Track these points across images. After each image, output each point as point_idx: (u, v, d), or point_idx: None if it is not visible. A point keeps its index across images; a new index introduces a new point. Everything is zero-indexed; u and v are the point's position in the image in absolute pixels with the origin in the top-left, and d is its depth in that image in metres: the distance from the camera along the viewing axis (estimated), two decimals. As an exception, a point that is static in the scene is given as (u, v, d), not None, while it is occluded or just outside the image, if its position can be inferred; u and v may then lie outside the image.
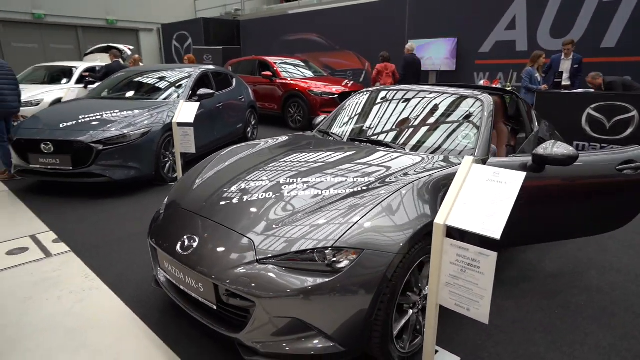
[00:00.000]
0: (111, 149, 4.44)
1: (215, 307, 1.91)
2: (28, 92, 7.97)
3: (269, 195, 2.13)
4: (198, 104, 4.86)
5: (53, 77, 9.03)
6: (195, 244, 1.97)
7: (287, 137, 3.23)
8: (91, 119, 4.65)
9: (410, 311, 1.99)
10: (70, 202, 4.40)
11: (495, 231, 1.61)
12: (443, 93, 3.10)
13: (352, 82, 9.47)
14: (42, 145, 4.38)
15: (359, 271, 1.73)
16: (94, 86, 6.86)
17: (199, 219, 2.12)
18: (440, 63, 9.56)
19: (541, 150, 2.40)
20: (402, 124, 3.01)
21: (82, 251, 3.24)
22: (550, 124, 4.13)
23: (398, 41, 10.09)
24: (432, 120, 2.93)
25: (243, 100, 7.26)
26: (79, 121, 4.59)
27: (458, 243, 1.69)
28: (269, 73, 9.41)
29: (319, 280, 1.71)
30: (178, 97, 5.53)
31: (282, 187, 2.18)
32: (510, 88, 7.89)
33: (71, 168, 4.40)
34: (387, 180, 2.16)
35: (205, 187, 2.42)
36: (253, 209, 2.05)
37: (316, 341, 1.75)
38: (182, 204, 2.31)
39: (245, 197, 2.15)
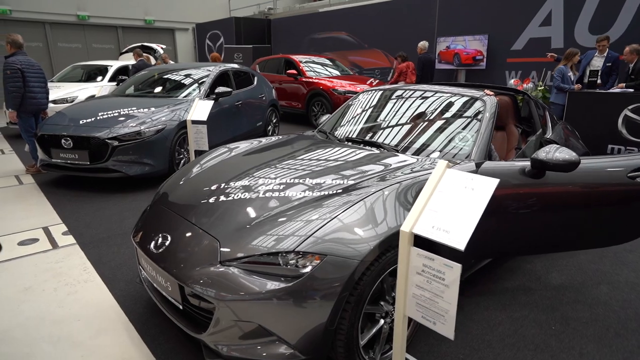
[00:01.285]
0: (126, 145, 4.58)
1: (180, 307, 1.91)
2: (64, 90, 8.41)
3: (245, 195, 2.10)
4: (212, 102, 4.92)
5: (89, 75, 9.46)
6: (167, 243, 1.98)
7: (281, 137, 3.20)
8: (109, 115, 4.81)
9: (382, 321, 1.91)
10: (88, 195, 4.58)
11: (460, 242, 1.50)
12: (445, 93, 2.96)
13: (377, 81, 9.32)
14: (63, 141, 4.58)
15: (321, 277, 1.67)
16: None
17: (175, 217, 2.13)
18: (469, 60, 9.23)
19: (542, 154, 2.24)
20: (399, 125, 2.90)
21: (86, 244, 3.36)
22: (572, 129, 3.87)
23: (427, 39, 9.83)
24: (429, 121, 2.81)
25: (264, 98, 7.30)
26: (98, 118, 4.76)
27: (424, 252, 1.60)
28: (293, 71, 9.42)
29: (280, 285, 1.67)
30: (195, 95, 5.63)
31: (259, 188, 2.15)
32: (542, 87, 7.53)
33: (88, 163, 4.57)
34: (366, 183, 2.08)
35: (188, 186, 2.43)
36: (227, 210, 2.03)
37: (276, 348, 1.71)
38: (164, 202, 2.33)
39: (222, 197, 2.13)
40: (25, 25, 13.83)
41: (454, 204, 1.60)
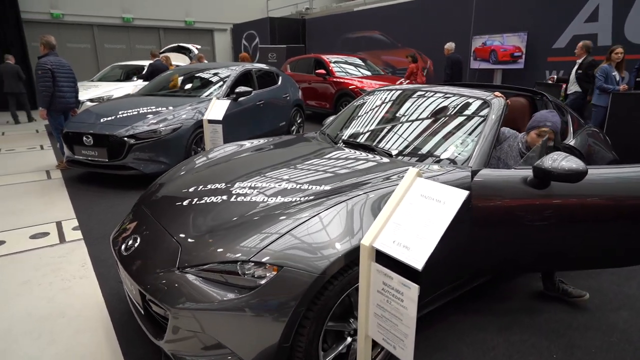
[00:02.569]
0: (143, 143, 4.67)
1: (142, 311, 1.87)
2: (102, 89, 8.78)
3: (218, 199, 2.03)
4: (229, 101, 4.93)
5: (127, 74, 9.83)
6: (135, 245, 1.95)
7: (277, 138, 3.12)
8: (129, 114, 4.93)
9: (349, 339, 1.77)
10: (105, 192, 4.70)
11: (418, 260, 1.34)
12: (450, 95, 2.76)
13: (407, 81, 9.05)
14: (84, 138, 4.74)
15: (276, 290, 1.57)
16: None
17: (149, 219, 2.09)
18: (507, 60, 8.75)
19: (549, 162, 2.01)
20: (397, 128, 2.73)
21: (91, 240, 3.43)
22: (603, 134, 3.51)
23: (462, 38, 9.44)
24: (429, 124, 2.62)
25: (288, 98, 7.26)
26: (118, 116, 4.89)
27: (383, 269, 1.45)
28: (322, 71, 9.34)
29: (234, 296, 1.58)
30: (215, 94, 5.66)
31: (234, 191, 2.07)
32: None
33: (107, 160, 4.70)
34: (342, 189, 1.95)
35: (171, 187, 2.40)
36: (196, 213, 1.97)
37: (229, 362, 1.63)
38: (144, 203, 2.31)
39: (195, 200, 2.08)
40: (75, 28, 14.64)
41: (420, 217, 1.44)
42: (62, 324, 2.33)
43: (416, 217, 1.44)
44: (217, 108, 4.90)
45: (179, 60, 10.25)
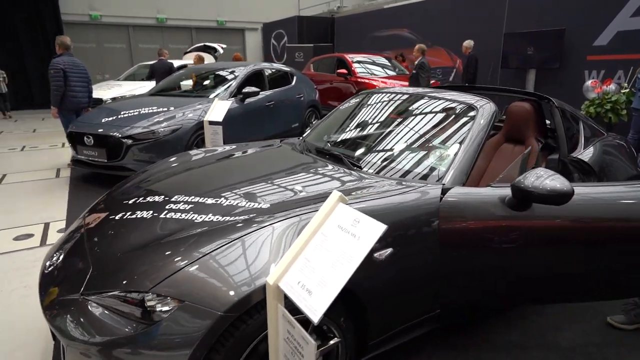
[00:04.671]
0: (141, 144, 4.60)
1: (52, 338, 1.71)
2: (124, 88, 8.95)
3: (149, 214, 1.84)
4: (230, 102, 4.79)
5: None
6: (57, 262, 1.79)
7: (252, 145, 2.91)
8: (130, 114, 4.89)
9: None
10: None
11: (316, 311, 1.08)
12: (437, 99, 2.44)
13: (433, 81, 8.60)
14: (85, 138, 4.74)
15: (175, 327, 1.35)
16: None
17: (80, 232, 1.94)
18: (540, 59, 8.10)
19: (530, 179, 1.69)
20: (372, 136, 2.45)
21: (70, 244, 3.36)
22: (627, 145, 3.04)
23: (494, 35, 8.87)
24: (406, 133, 2.31)
25: (302, 98, 7.04)
26: (119, 116, 4.86)
27: (288, 315, 1.20)
28: (344, 71, 9.06)
29: (130, 331, 1.38)
30: (222, 94, 5.54)
31: (168, 207, 1.87)
32: (627, 90, 6.34)
33: (106, 161, 4.68)
34: (281, 209, 1.70)
35: (118, 197, 2.23)
36: (122, 230, 1.79)
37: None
38: (89, 211, 2.17)
39: (128, 214, 1.90)
40: (111, 29, 15.11)
41: (331, 253, 1.18)
42: (3, 338, 2.22)
43: (327, 254, 1.18)
44: (218, 109, 4.76)
45: (205, 59, 10.30)
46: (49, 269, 1.77)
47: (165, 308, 1.38)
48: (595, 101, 6.64)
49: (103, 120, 4.83)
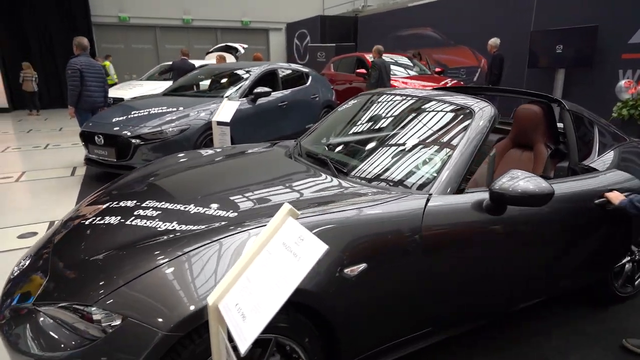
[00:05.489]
0: (149, 144, 4.61)
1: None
2: (145, 87, 9.08)
3: (116, 220, 1.77)
4: (238, 102, 4.76)
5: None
6: (23, 267, 1.75)
7: (244, 147, 2.82)
8: (140, 114, 4.91)
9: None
10: (113, 191, 4.72)
11: (246, 339, 0.97)
12: (433, 101, 2.27)
13: (453, 81, 8.32)
14: (96, 138, 4.80)
15: (119, 345, 1.27)
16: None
17: (50, 239, 1.89)
18: (570, 58, 7.68)
19: (503, 180, 1.67)
20: (360, 141, 2.31)
21: (70, 243, 3.37)
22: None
23: (520, 33, 8.49)
24: (397, 138, 2.16)
25: (317, 98, 6.94)
26: (129, 116, 4.89)
27: (226, 341, 1.09)
28: (363, 70, 8.88)
29: (74, 346, 1.30)
30: (233, 94, 5.50)
31: (136, 212, 1.80)
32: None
33: (115, 160, 4.71)
34: (249, 217, 1.59)
35: (99, 199, 2.18)
36: (87, 236, 1.73)
37: None
38: (64, 219, 2.12)
39: (98, 219, 1.83)
40: (139, 30, 15.47)
41: (272, 274, 1.06)
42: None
43: (269, 274, 1.07)
44: (226, 109, 4.72)
45: (226, 59, 10.37)
46: (16, 274, 1.73)
47: (111, 323, 1.30)
48: (629, 102, 6.22)
49: (113, 120, 4.87)
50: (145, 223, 1.68)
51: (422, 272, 1.65)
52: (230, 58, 10.65)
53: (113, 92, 9.29)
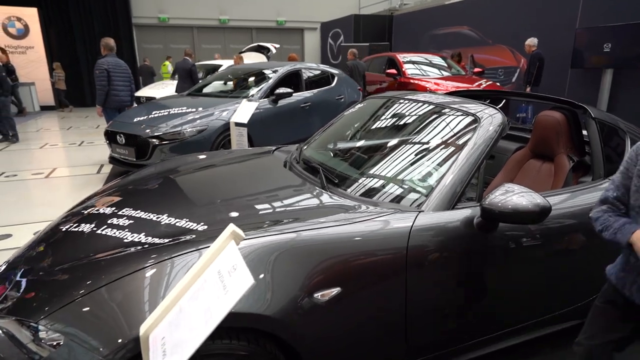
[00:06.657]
0: (166, 144, 4.63)
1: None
2: (172, 87, 9.25)
3: (89, 228, 1.71)
4: (256, 104, 4.70)
5: (206, 73, 10.24)
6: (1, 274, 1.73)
7: (246, 152, 2.72)
8: (161, 114, 4.95)
9: None
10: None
11: (158, 382, 0.85)
12: (437, 106, 2.08)
13: (489, 83, 7.91)
14: (117, 137, 4.88)
15: (58, 368, 1.19)
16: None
17: (30, 245, 1.86)
18: (620, 58, 7.10)
19: (495, 194, 1.48)
20: (359, 150, 2.15)
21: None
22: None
23: (564, 31, 7.95)
24: (394, 148, 1.99)
25: (342, 100, 6.78)
26: (150, 116, 4.94)
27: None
28: (393, 71, 8.63)
29: (18, 363, 1.25)
30: (254, 95, 5.45)
31: (109, 220, 1.73)
32: None
33: (134, 159, 4.77)
34: (215, 233, 1.48)
35: (87, 202, 2.15)
36: (58, 244, 1.68)
37: None
38: (52, 223, 2.10)
39: (74, 226, 1.78)
40: (178, 30, 15.88)
41: (202, 305, 0.94)
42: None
43: (199, 305, 0.95)
44: (244, 110, 4.67)
45: (258, 59, 10.43)
46: (-8, 280, 1.71)
47: (55, 343, 1.22)
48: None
49: (135, 120, 4.94)
50: (115, 233, 1.61)
51: (404, 297, 1.49)
52: (261, 58, 10.69)
53: (145, 92, 9.56)
